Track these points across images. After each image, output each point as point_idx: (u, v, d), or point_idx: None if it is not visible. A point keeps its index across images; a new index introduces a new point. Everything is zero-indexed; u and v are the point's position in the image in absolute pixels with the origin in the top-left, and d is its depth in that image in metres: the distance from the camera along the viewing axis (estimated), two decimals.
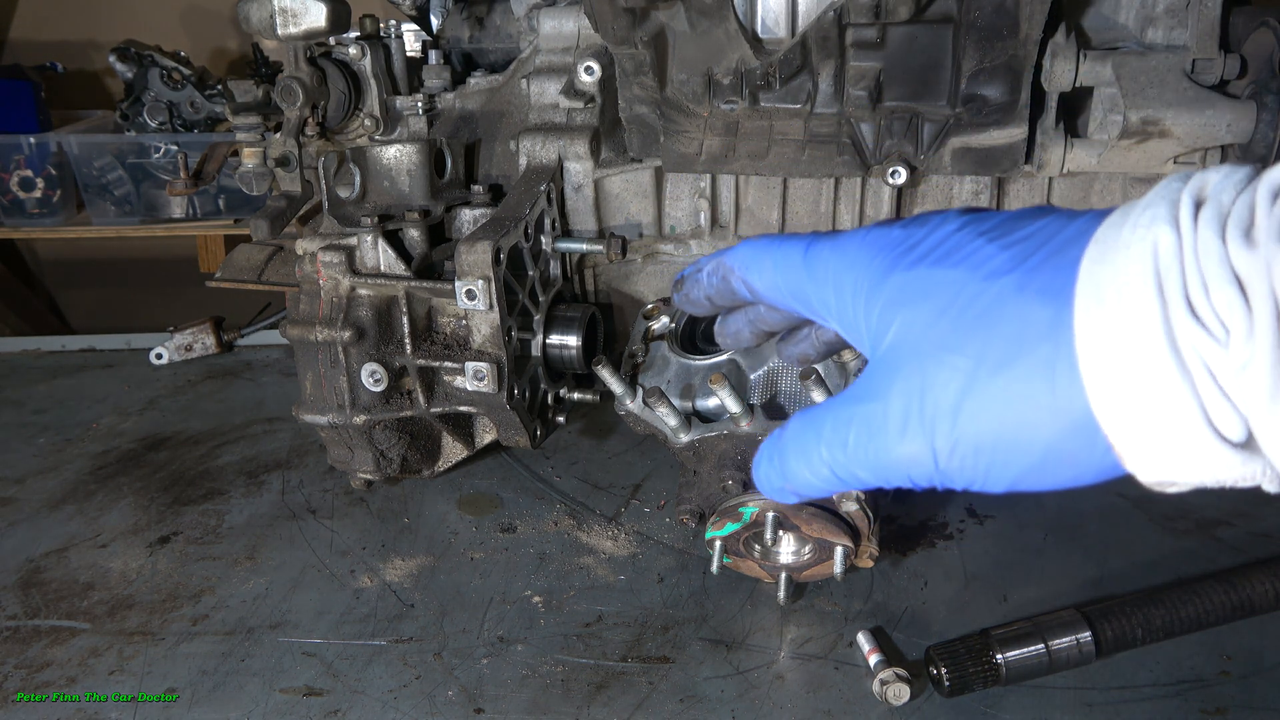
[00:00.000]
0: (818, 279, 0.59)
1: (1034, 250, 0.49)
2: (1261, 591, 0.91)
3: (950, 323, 0.49)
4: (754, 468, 0.64)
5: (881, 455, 0.53)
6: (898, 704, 0.88)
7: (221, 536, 1.17)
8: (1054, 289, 0.47)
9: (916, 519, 1.16)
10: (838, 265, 0.57)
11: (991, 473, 0.49)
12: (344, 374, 1.05)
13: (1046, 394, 0.46)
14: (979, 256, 0.51)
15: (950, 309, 0.50)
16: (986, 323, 0.48)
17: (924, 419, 0.50)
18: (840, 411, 0.56)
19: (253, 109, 1.04)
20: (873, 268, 0.55)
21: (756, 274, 0.65)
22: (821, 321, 0.61)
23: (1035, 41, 0.98)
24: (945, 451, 0.50)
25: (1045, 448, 0.47)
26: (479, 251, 0.97)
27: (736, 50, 1.05)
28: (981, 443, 0.48)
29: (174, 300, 2.91)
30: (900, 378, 0.51)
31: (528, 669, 0.94)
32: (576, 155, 1.12)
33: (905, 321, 0.52)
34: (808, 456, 0.58)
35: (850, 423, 0.55)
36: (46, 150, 2.65)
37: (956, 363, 0.49)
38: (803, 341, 0.76)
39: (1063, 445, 0.46)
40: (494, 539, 1.15)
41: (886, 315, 0.53)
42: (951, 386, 0.49)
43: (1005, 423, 0.47)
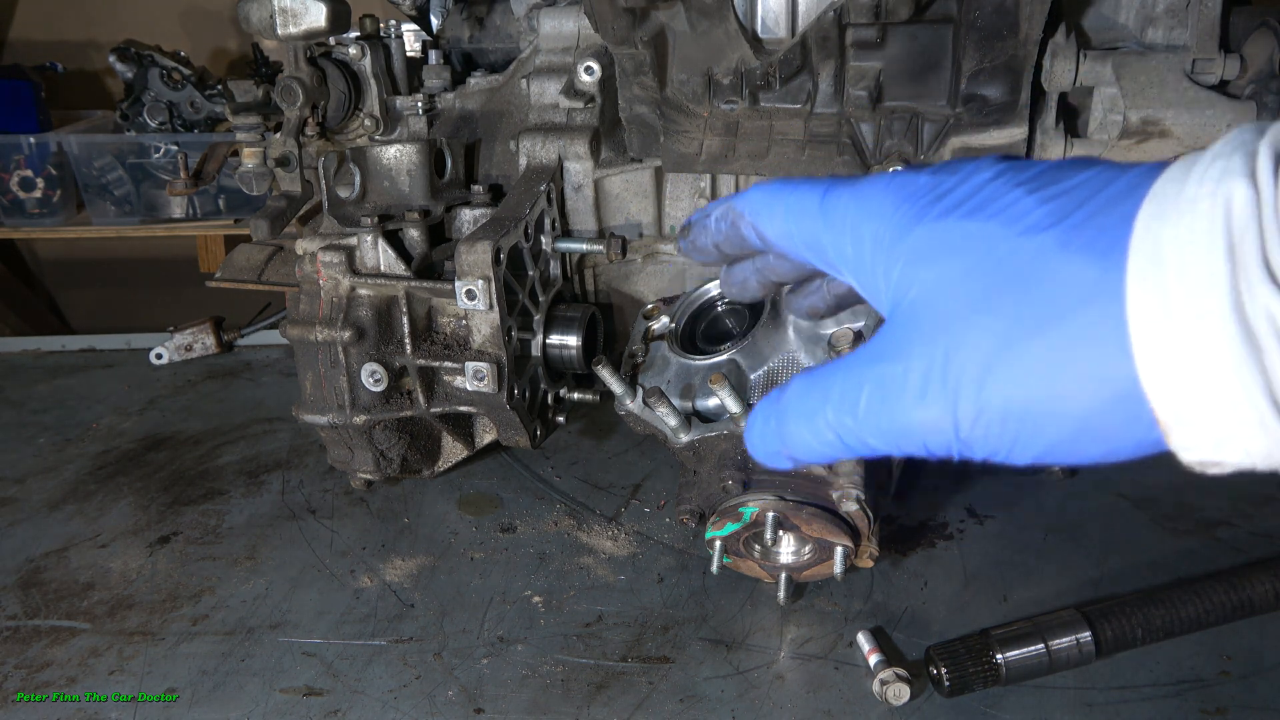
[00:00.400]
0: (834, 227, 0.54)
1: (1079, 204, 0.44)
2: (1261, 591, 0.91)
3: (982, 281, 0.45)
4: (747, 429, 0.58)
5: (897, 420, 0.48)
6: (898, 704, 0.88)
7: (221, 536, 1.17)
8: (1102, 247, 0.42)
9: (916, 519, 1.16)
10: (857, 213, 0.52)
11: (1018, 444, 0.45)
12: (344, 374, 1.05)
13: (1087, 361, 0.42)
14: (1016, 209, 0.46)
15: (982, 266, 0.45)
16: (1023, 282, 0.44)
17: (947, 383, 0.46)
18: (852, 372, 0.51)
19: (253, 109, 1.04)
20: (896, 217, 0.50)
21: (767, 220, 0.60)
22: (835, 274, 0.57)
23: (1035, 41, 0.98)
24: (969, 419, 0.45)
25: (1080, 419, 0.43)
26: (479, 251, 0.97)
27: (736, 50, 1.05)
28: (1010, 411, 0.44)
29: (174, 300, 2.91)
30: (922, 338, 0.47)
31: (528, 669, 0.94)
32: (576, 155, 1.12)
33: (931, 278, 0.47)
34: (811, 419, 0.53)
35: (863, 384, 0.50)
36: (46, 150, 2.65)
37: (987, 324, 0.44)
38: (813, 294, 0.71)
39: (1100, 417, 0.42)
40: (494, 539, 1.15)
41: (910, 270, 0.49)
42: (980, 349, 0.44)
43: (1038, 391, 0.43)
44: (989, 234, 0.46)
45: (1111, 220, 0.43)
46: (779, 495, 0.95)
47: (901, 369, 0.48)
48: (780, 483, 0.96)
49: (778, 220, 0.59)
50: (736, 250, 0.66)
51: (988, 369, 0.44)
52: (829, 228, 0.54)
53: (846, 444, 0.52)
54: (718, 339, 1.05)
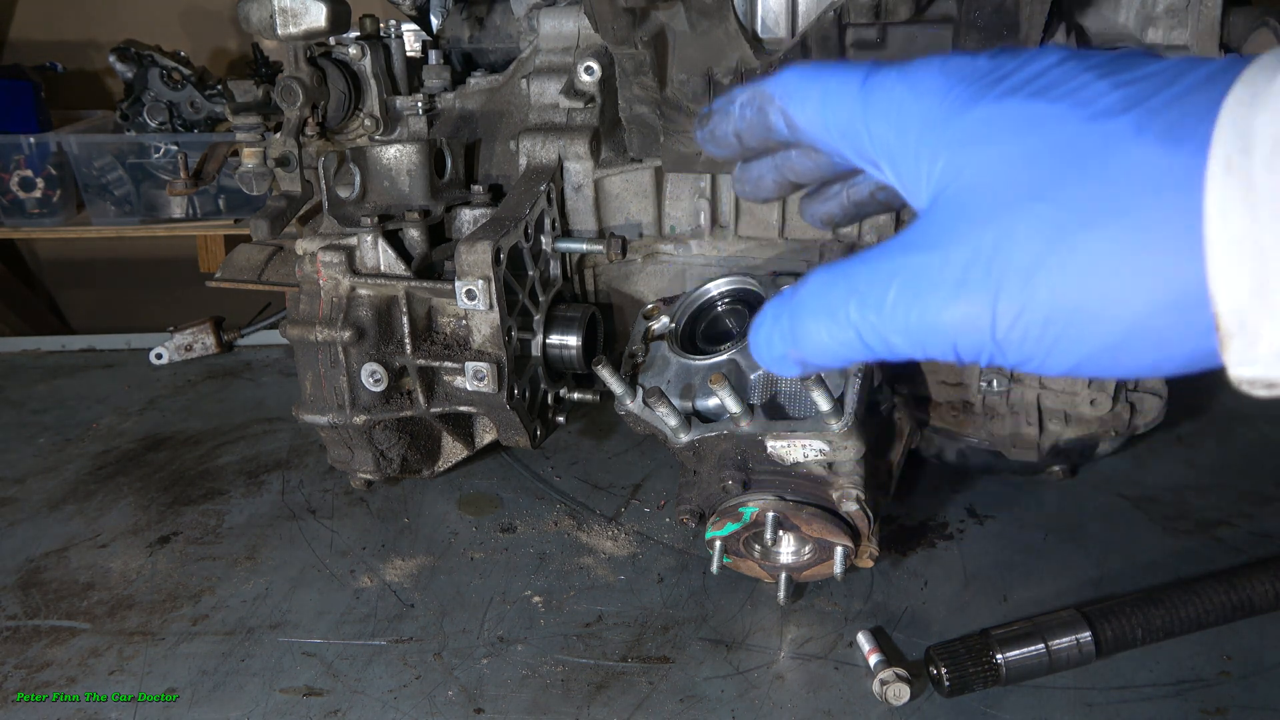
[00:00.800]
0: (876, 111, 0.49)
1: (1156, 90, 0.40)
2: (1261, 591, 0.91)
3: (1044, 165, 0.41)
4: (753, 330, 0.53)
5: (928, 315, 0.44)
6: (898, 704, 0.88)
7: (221, 536, 1.17)
8: (1181, 134, 0.38)
9: (916, 519, 1.16)
10: (904, 95, 0.48)
11: (1057, 348, 0.42)
12: (344, 374, 1.05)
13: (1151, 256, 0.38)
14: (1088, 92, 0.42)
15: (1046, 149, 0.41)
16: (1090, 168, 0.40)
17: (990, 275, 0.42)
18: (882, 261, 0.46)
19: (253, 109, 1.04)
20: (950, 98, 0.46)
21: (800, 104, 0.54)
22: (870, 167, 0.52)
23: (1035, 42, 0.98)
24: (1008, 317, 0.42)
25: (1131, 323, 0.40)
26: (479, 251, 0.97)
27: (736, 50, 1.05)
28: (1055, 311, 0.41)
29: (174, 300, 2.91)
30: (969, 225, 0.43)
31: (528, 669, 0.94)
32: (576, 155, 1.12)
33: (984, 161, 0.43)
34: (832, 314, 0.48)
35: (894, 275, 0.45)
36: (46, 150, 2.65)
37: (1045, 212, 0.40)
38: (830, 200, 0.66)
39: (1153, 321, 0.39)
40: (494, 539, 1.15)
41: (961, 153, 0.44)
42: (1034, 239, 0.41)
43: (1090, 289, 0.40)
44: (1056, 115, 0.42)
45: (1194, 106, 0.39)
46: (779, 495, 0.95)
47: (940, 258, 0.44)
48: (780, 483, 0.96)
49: (812, 103, 0.53)
50: (759, 141, 0.59)
51: (1038, 261, 0.40)
52: (869, 110, 0.49)
53: (866, 343, 0.47)
54: (718, 339, 1.05)
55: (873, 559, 0.98)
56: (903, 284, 0.45)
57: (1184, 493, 1.20)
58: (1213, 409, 1.40)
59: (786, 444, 0.91)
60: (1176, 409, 1.22)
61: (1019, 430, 1.16)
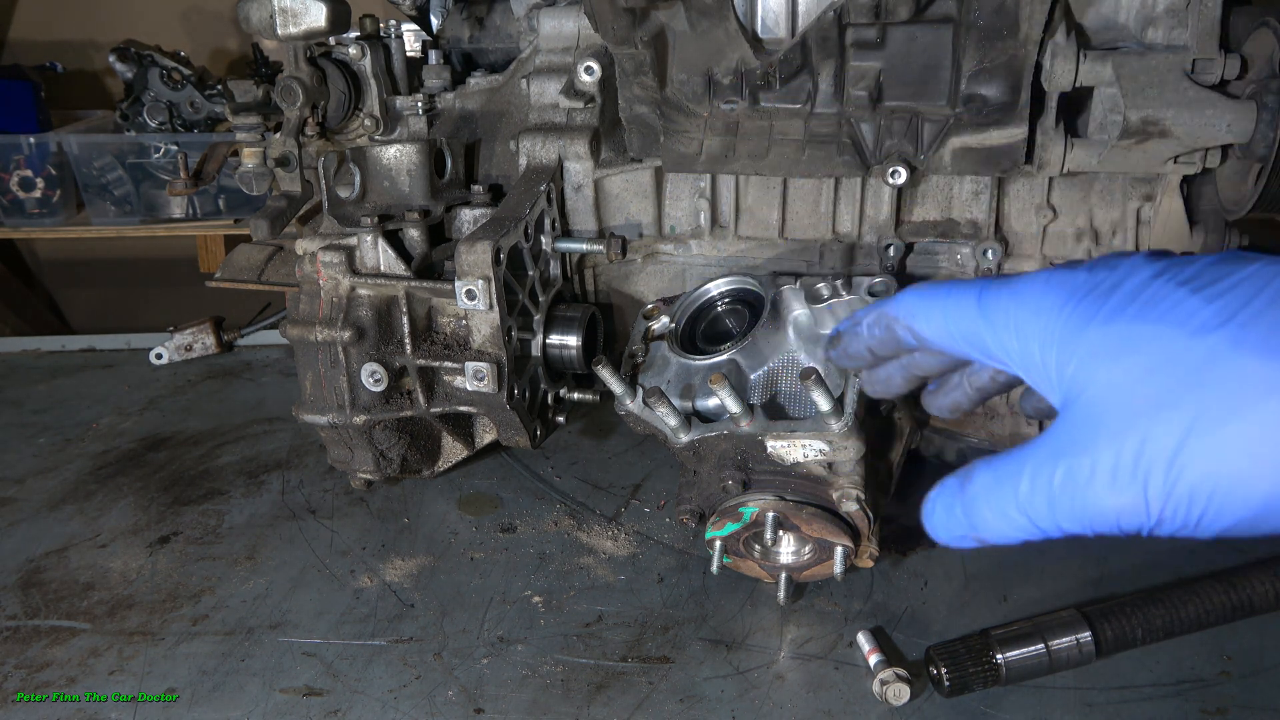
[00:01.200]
0: (996, 326, 0.59)
1: (1244, 304, 0.49)
2: (1261, 591, 0.91)
3: (1162, 379, 0.50)
4: (927, 515, 0.63)
5: (1090, 507, 0.52)
6: (898, 704, 0.88)
7: (221, 536, 1.17)
8: (1274, 346, 0.47)
9: (916, 519, 1.16)
10: (1019, 313, 0.57)
11: (1204, 521, 0.49)
12: (344, 374, 1.05)
13: (1265, 447, 0.47)
14: (1183, 310, 0.50)
15: (1161, 366, 0.50)
16: (1201, 381, 0.48)
17: (1138, 472, 0.50)
18: (1041, 466, 0.55)
19: (253, 109, 1.04)
20: (1063, 317, 0.55)
21: (925, 322, 0.64)
22: (1002, 366, 0.61)
23: (1035, 41, 0.98)
24: (1158, 501, 0.50)
25: (1263, 499, 0.47)
26: (479, 251, 0.97)
27: (736, 50, 1.05)
28: (1197, 494, 0.48)
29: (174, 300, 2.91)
30: (1109, 431, 0.51)
31: (528, 669, 0.94)
32: (576, 155, 1.12)
33: (1110, 378, 0.52)
34: (1003, 508, 0.57)
35: (1053, 476, 0.54)
36: (46, 150, 2.65)
37: (1172, 418, 0.49)
38: (954, 390, 0.75)
39: None
40: (494, 539, 1.15)
41: (1085, 369, 0.53)
42: (1168, 441, 0.49)
43: (1222, 476, 0.48)
44: (1162, 335, 0.50)
45: (1276, 319, 0.47)
46: (779, 495, 0.95)
47: (1090, 461, 0.52)
48: (780, 483, 0.96)
49: (935, 322, 0.63)
50: (890, 352, 0.71)
51: (1175, 458, 0.49)
52: (991, 326, 0.59)
53: (1040, 528, 0.56)
54: (718, 339, 1.05)
55: (873, 559, 0.98)
56: (1064, 483, 0.53)
57: None
58: None
59: (786, 444, 0.91)
60: None
61: (1019, 430, 1.16)
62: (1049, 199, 1.09)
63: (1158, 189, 1.07)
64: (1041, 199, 1.09)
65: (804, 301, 1.00)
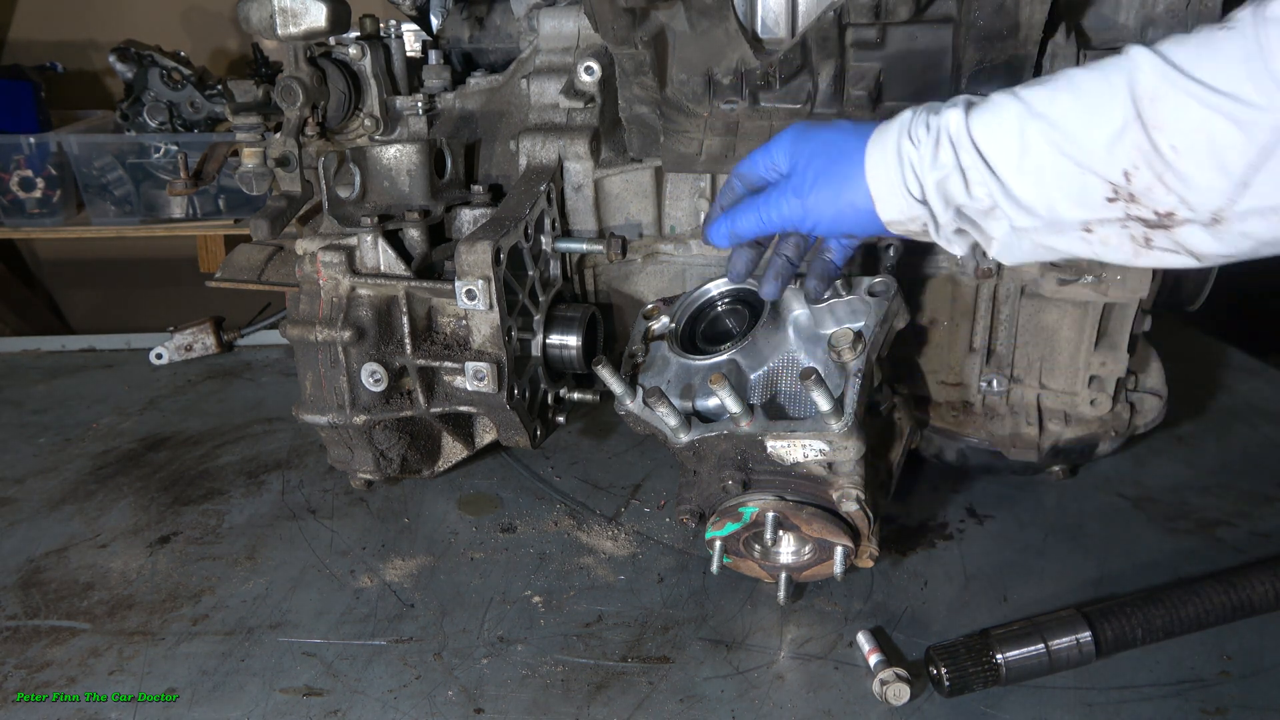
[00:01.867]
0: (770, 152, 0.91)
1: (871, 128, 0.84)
2: (1261, 591, 0.91)
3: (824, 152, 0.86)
4: (710, 228, 0.94)
5: (783, 214, 0.88)
6: (898, 704, 0.88)
7: (221, 536, 1.17)
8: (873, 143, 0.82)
9: (916, 519, 1.16)
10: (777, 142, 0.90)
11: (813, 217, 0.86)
12: (344, 374, 1.05)
13: (853, 177, 0.83)
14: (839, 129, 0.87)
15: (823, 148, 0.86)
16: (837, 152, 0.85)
17: (801, 195, 0.86)
18: (769, 196, 0.89)
19: (253, 109, 1.04)
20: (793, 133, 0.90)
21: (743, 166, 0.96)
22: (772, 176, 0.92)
23: (1035, 41, 0.98)
24: (803, 209, 0.86)
25: (846, 203, 0.83)
26: (479, 251, 0.97)
27: (736, 50, 1.05)
28: (820, 205, 0.85)
29: (174, 300, 2.90)
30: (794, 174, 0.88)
31: (528, 669, 0.94)
32: (576, 155, 1.12)
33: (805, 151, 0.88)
34: (748, 218, 0.90)
35: (769, 197, 0.89)
36: (46, 150, 2.64)
37: (817, 165, 0.85)
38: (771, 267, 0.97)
39: (854, 200, 0.83)
40: (494, 539, 1.15)
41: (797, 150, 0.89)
42: (810, 177, 0.86)
43: (830, 189, 0.84)
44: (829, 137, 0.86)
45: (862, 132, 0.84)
46: (779, 495, 0.95)
47: (787, 188, 0.88)
48: (780, 483, 0.96)
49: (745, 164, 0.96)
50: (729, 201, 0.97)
51: (812, 188, 0.86)
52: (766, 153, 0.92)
53: (767, 224, 0.89)
54: (718, 339, 1.05)
55: (873, 559, 0.98)
56: (770, 201, 0.89)
57: (1184, 493, 1.20)
58: (1213, 409, 1.40)
59: (786, 444, 0.91)
60: (1176, 409, 1.22)
61: (1019, 430, 1.16)
62: None
63: None
64: None
65: (804, 301, 1.00)
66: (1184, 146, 0.61)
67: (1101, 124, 0.65)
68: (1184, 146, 0.61)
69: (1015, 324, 1.14)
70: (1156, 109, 0.62)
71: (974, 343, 1.16)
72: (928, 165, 0.76)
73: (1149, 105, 0.63)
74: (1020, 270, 1.10)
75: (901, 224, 0.80)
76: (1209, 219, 0.63)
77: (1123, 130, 0.64)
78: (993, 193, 0.72)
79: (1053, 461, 1.18)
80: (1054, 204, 0.69)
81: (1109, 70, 0.66)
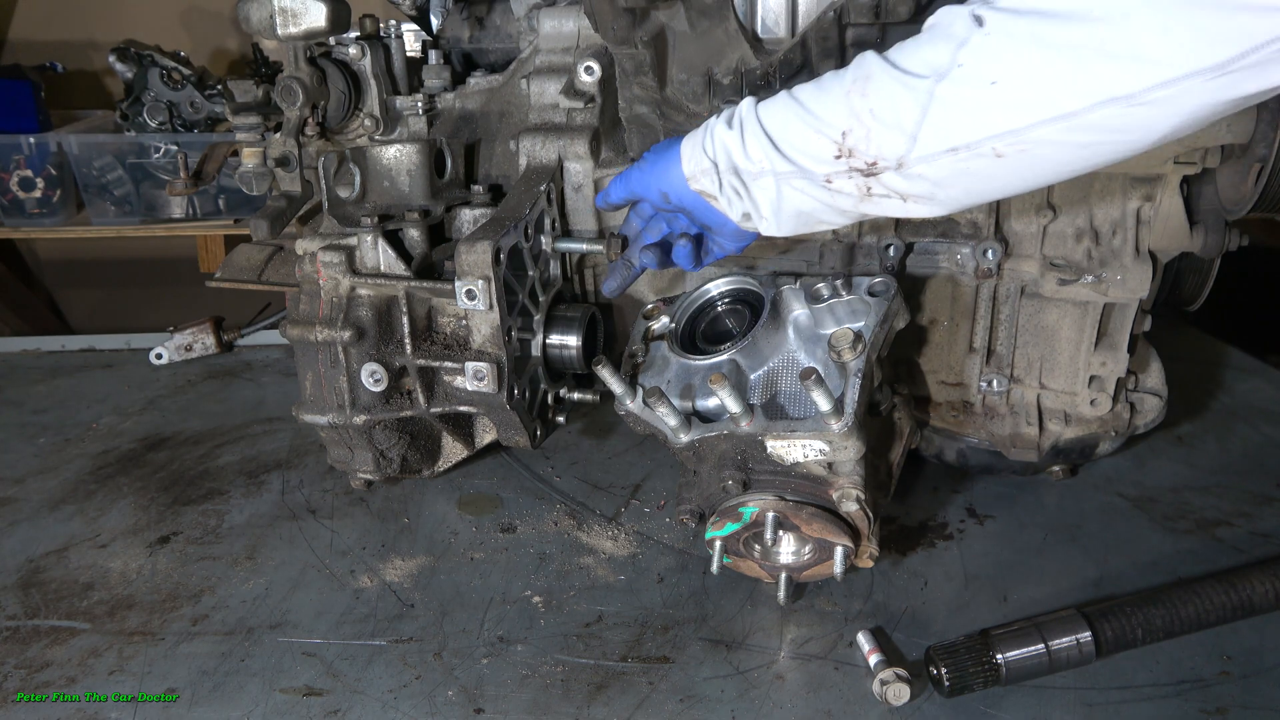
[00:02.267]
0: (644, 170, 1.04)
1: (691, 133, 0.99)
2: (1261, 591, 0.91)
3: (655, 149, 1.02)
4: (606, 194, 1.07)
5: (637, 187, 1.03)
6: (898, 704, 0.88)
7: (221, 536, 1.17)
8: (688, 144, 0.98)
9: (916, 519, 1.16)
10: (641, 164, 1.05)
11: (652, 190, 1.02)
12: (344, 374, 1.05)
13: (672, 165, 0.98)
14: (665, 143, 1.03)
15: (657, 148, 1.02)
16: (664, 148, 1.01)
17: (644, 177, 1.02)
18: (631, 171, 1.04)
19: (253, 109, 1.04)
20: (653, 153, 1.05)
21: None
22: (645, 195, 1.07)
23: None
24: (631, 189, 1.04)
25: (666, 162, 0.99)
26: (479, 251, 0.97)
27: (736, 50, 1.05)
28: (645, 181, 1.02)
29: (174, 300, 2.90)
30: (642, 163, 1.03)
31: (528, 669, 0.94)
32: (576, 155, 1.12)
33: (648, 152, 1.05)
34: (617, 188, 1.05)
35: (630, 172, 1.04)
36: (46, 150, 2.64)
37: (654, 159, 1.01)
38: None
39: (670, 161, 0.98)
40: (494, 539, 1.15)
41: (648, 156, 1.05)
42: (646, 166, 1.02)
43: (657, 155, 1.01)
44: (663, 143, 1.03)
45: None
46: (779, 495, 0.95)
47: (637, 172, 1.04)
48: (780, 483, 0.96)
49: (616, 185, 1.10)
50: None
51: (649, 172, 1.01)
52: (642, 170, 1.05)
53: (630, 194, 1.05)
54: (718, 339, 1.05)
55: (873, 559, 0.98)
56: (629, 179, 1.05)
57: (1184, 493, 1.20)
58: (1213, 409, 1.40)
59: (786, 444, 0.91)
60: (1176, 409, 1.22)
61: (1019, 430, 1.16)
62: (1049, 199, 1.09)
63: (1158, 189, 1.07)
64: (1041, 199, 1.09)
65: (804, 301, 1.00)
66: (878, 109, 0.81)
67: (830, 98, 0.85)
68: (878, 109, 0.81)
69: (1015, 324, 1.14)
70: (866, 85, 0.82)
71: (974, 343, 1.16)
72: (722, 132, 0.93)
73: (862, 83, 0.82)
74: (1020, 270, 1.10)
75: (695, 177, 0.96)
76: (896, 165, 0.81)
77: (843, 99, 0.83)
78: (766, 153, 0.89)
79: (1053, 461, 1.18)
80: (803, 156, 0.87)
81: (850, 66, 0.85)
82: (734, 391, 0.91)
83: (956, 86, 0.77)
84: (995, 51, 0.76)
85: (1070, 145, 0.76)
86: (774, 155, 0.89)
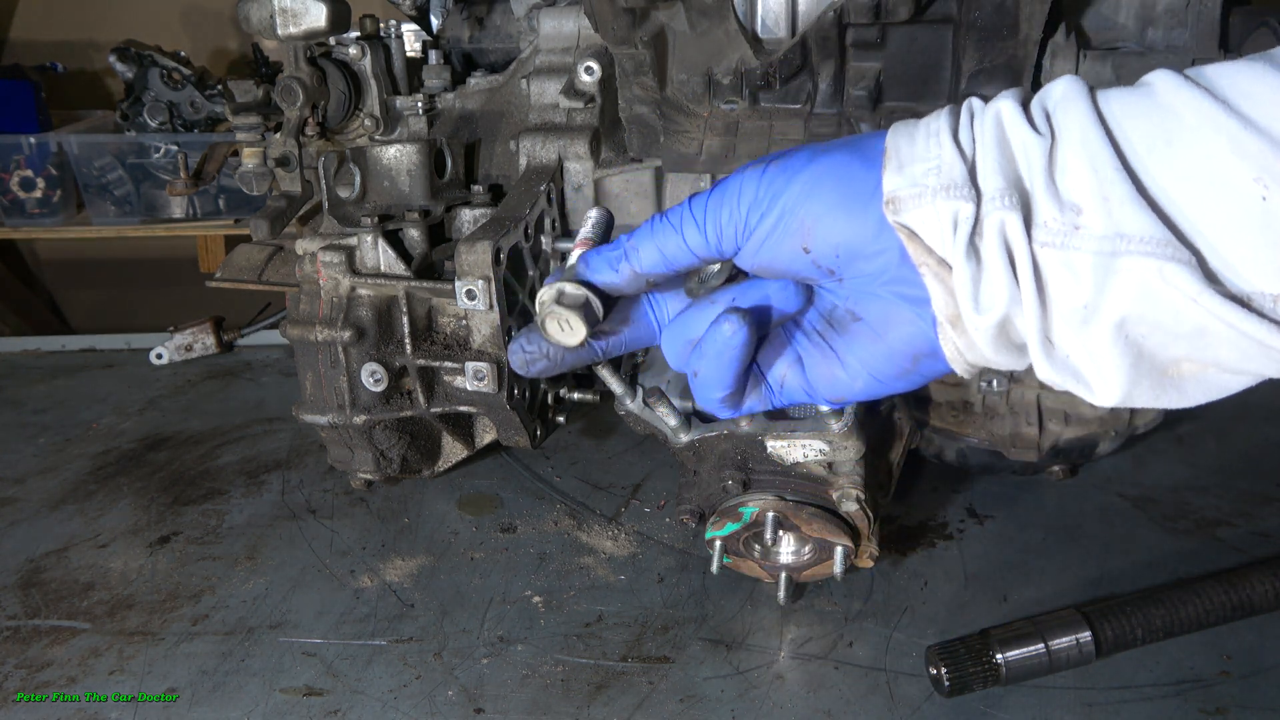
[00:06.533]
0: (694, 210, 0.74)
1: None
2: (1261, 591, 0.91)
3: None
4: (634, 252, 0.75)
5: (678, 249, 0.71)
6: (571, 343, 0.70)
7: (221, 536, 1.17)
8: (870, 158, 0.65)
9: (916, 519, 1.16)
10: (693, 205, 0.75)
11: None
12: (344, 374, 1.05)
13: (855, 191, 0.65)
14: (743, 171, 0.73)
15: None
16: None
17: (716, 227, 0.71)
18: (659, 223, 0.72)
19: (253, 109, 1.04)
20: None
21: None
22: None
23: (1035, 41, 0.98)
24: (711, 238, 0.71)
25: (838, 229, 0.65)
26: (479, 251, 0.97)
27: (736, 50, 1.05)
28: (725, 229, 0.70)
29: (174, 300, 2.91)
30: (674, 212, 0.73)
31: (528, 669, 0.95)
32: (576, 155, 1.12)
33: None
34: (655, 243, 0.71)
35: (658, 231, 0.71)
36: (46, 150, 2.65)
37: None
38: None
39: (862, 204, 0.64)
40: (494, 539, 1.15)
41: None
42: None
43: None
44: None
45: None
46: (779, 495, 0.95)
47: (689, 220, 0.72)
48: (780, 483, 0.96)
49: None
50: None
51: None
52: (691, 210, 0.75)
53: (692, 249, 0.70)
54: None
55: (873, 559, 0.98)
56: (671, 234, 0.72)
57: (1184, 493, 1.20)
58: (1213, 409, 1.39)
59: (786, 444, 0.91)
60: (1176, 409, 1.22)
61: (1019, 430, 1.16)
62: None
63: None
64: None
65: None
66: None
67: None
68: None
69: None
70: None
71: None
72: (1015, 126, 0.56)
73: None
74: None
75: (901, 197, 0.58)
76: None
77: None
78: (1143, 222, 0.52)
79: (1053, 461, 1.18)
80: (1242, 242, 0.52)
81: None
82: None
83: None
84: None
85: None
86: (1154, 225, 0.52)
